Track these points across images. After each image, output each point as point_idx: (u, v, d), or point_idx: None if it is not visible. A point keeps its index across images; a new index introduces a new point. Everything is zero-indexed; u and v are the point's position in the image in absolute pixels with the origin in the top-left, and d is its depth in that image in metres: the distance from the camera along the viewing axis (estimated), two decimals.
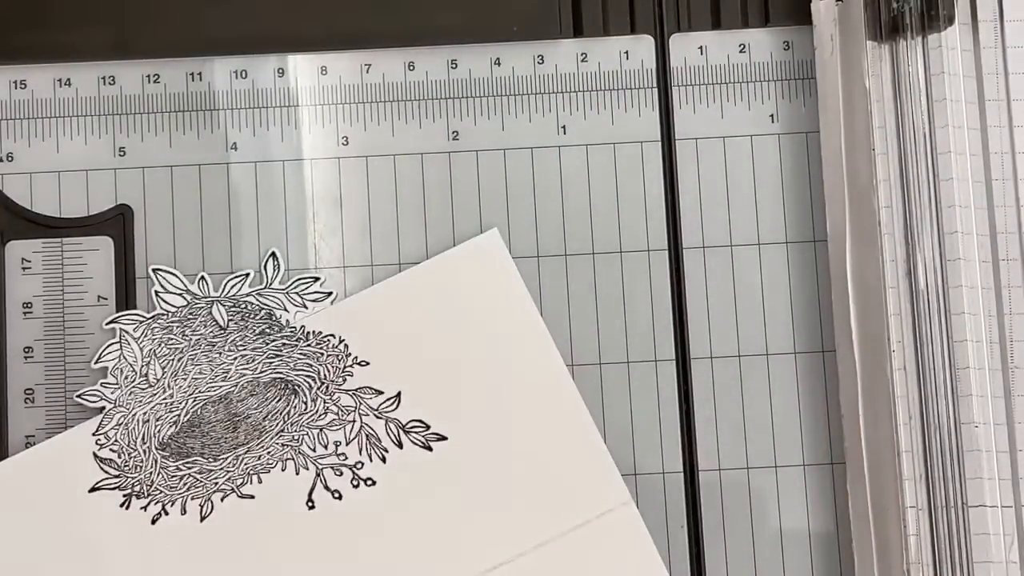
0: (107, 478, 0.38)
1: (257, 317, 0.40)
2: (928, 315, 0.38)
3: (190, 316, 0.39)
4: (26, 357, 0.39)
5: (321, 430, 0.39)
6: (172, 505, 0.38)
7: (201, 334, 0.39)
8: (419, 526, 0.39)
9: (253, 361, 0.39)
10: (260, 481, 0.38)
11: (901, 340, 0.38)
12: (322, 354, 0.39)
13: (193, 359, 0.39)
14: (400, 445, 0.39)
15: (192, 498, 0.38)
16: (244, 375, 0.39)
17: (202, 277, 0.40)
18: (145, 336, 0.39)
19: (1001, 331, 0.38)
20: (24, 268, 0.40)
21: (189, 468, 0.38)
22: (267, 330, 0.40)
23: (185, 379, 0.39)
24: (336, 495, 0.38)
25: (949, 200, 0.38)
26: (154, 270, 0.39)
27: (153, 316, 0.39)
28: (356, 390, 0.39)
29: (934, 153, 0.38)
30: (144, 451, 0.38)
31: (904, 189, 0.39)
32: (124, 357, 0.39)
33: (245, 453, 0.39)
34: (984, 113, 0.39)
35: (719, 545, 0.40)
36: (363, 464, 0.39)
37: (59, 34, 0.41)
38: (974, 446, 0.38)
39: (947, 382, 0.38)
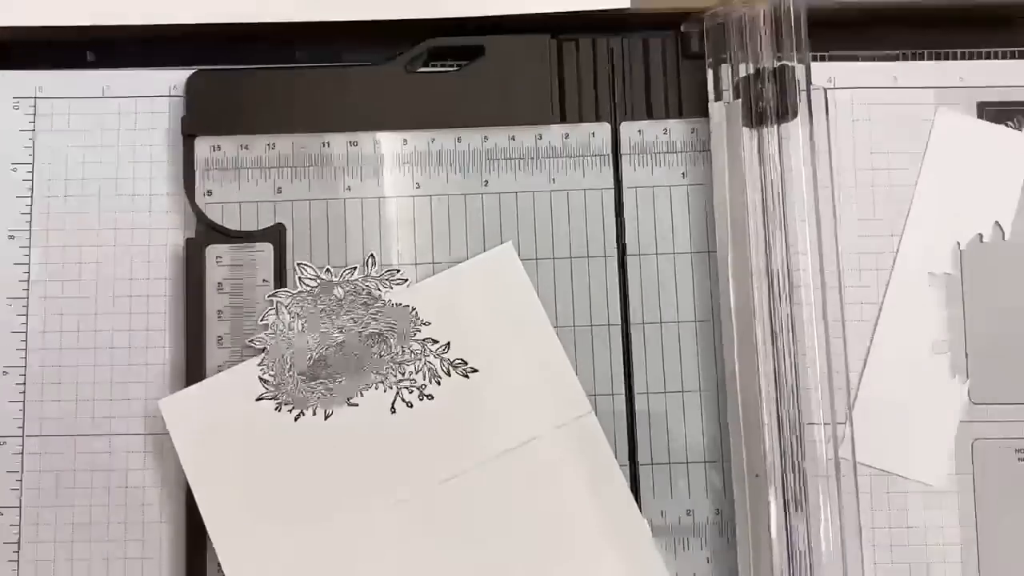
0: (267, 392, 0.40)
1: (362, 294, 0.41)
2: (779, 295, 0.39)
3: (320, 292, 0.40)
4: (219, 317, 0.41)
5: (400, 364, 0.40)
6: (307, 409, 0.40)
7: (326, 304, 0.40)
8: (457, 424, 0.40)
9: (359, 321, 0.40)
10: (362, 395, 0.40)
11: (761, 311, 0.39)
12: (401, 317, 0.40)
13: (321, 319, 0.40)
14: (449, 374, 0.40)
15: (320, 405, 0.40)
16: (353, 330, 0.40)
17: (327, 268, 0.41)
18: (292, 304, 0.40)
19: (825, 307, 0.39)
20: (218, 261, 0.41)
21: (318, 387, 0.40)
22: (368, 301, 0.40)
23: (316, 332, 0.40)
24: (409, 405, 0.40)
25: (792, 228, 0.39)
26: (298, 264, 0.41)
27: (297, 292, 0.40)
28: (422, 340, 0.40)
29: (784, 199, 0.39)
30: (290, 376, 0.40)
31: (765, 220, 0.39)
32: (279, 317, 0.40)
33: (353, 378, 0.40)
34: (815, 175, 0.40)
35: (647, 443, 0.41)
36: (426, 386, 0.40)
37: (240, 116, 0.42)
38: (806, 384, 0.39)
39: (790, 339, 0.39)
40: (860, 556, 0.38)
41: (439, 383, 0.40)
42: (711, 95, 0.41)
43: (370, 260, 0.41)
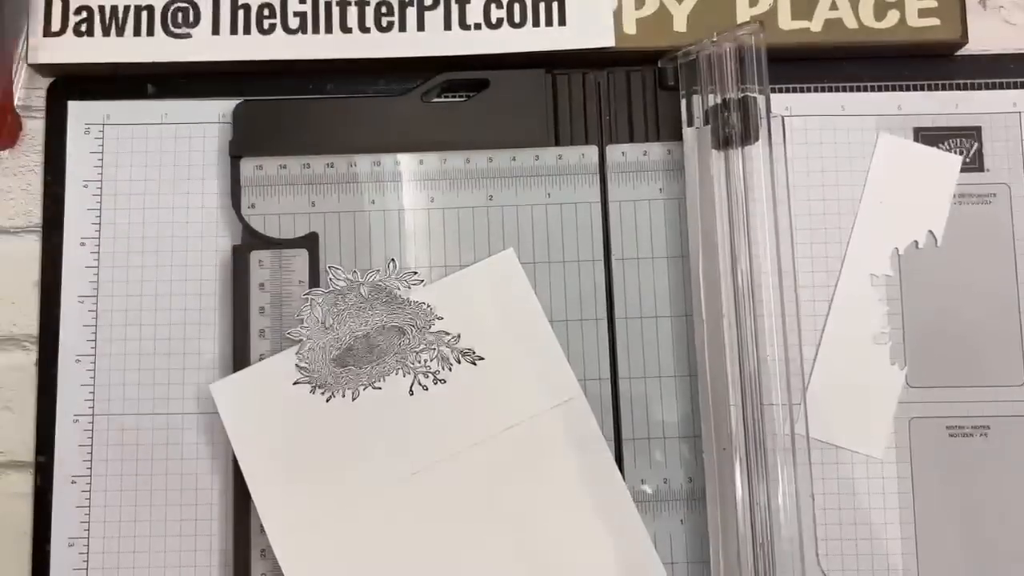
0: (303, 377, 0.40)
1: (384, 292, 0.41)
2: (743, 295, 0.39)
3: (348, 291, 0.41)
4: (261, 312, 0.41)
5: (417, 353, 0.40)
6: (338, 392, 0.40)
7: (353, 301, 0.40)
8: (466, 405, 0.40)
9: (381, 316, 0.40)
10: (384, 380, 0.40)
11: (728, 307, 0.39)
12: (418, 312, 0.40)
13: (349, 314, 0.40)
14: (459, 362, 0.40)
15: (348, 388, 0.40)
16: (376, 323, 0.40)
17: (355, 271, 0.41)
18: (324, 301, 0.40)
19: (782, 304, 0.39)
20: (260, 264, 0.41)
21: (347, 373, 0.40)
22: (389, 299, 0.40)
23: (345, 325, 0.40)
24: (425, 388, 0.40)
25: (755, 236, 0.39)
26: (329, 267, 0.41)
27: (329, 291, 0.40)
28: (436, 332, 0.40)
29: (747, 211, 0.40)
30: (322, 363, 0.40)
31: (731, 229, 0.40)
32: (313, 313, 0.40)
33: (376, 365, 0.40)
34: (773, 190, 0.40)
35: (629, 421, 0.41)
36: (439, 371, 0.40)
37: (280, 140, 0.42)
38: (767, 370, 0.39)
39: (753, 332, 0.39)
40: (813, 517, 0.39)
41: (451, 369, 0.40)
42: (684, 121, 0.42)
43: (391, 264, 0.41)
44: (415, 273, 0.41)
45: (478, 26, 0.42)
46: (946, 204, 0.43)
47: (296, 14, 0.42)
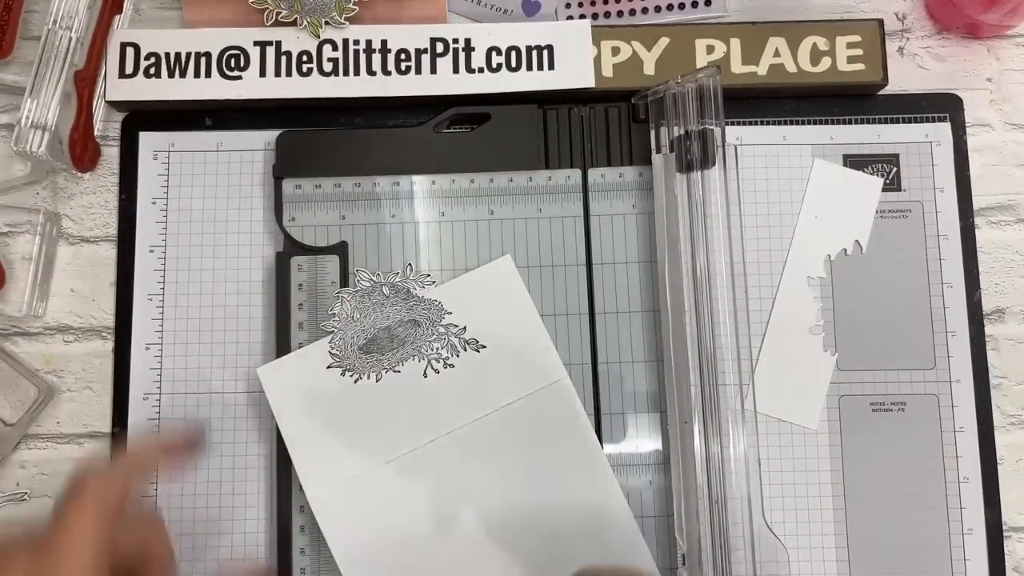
0: (335, 362, 0.41)
1: (402, 291, 0.42)
2: (701, 293, 0.40)
3: (372, 290, 0.42)
4: (300, 308, 0.42)
5: (430, 342, 0.41)
6: (363, 375, 0.41)
7: (377, 298, 0.41)
8: (471, 385, 0.41)
9: (400, 311, 0.41)
10: (403, 364, 0.41)
11: (689, 303, 0.40)
12: (431, 308, 0.41)
13: (373, 309, 0.41)
14: (465, 350, 0.41)
15: (372, 371, 0.41)
16: (396, 317, 0.41)
17: (378, 273, 0.42)
18: (352, 299, 0.41)
19: (734, 301, 0.40)
20: (299, 268, 0.42)
21: (371, 358, 0.41)
22: (406, 297, 0.42)
23: (369, 318, 0.41)
24: (436, 371, 0.41)
25: (711, 244, 0.40)
26: (356, 270, 0.42)
27: (356, 290, 0.42)
28: (446, 325, 0.41)
29: (705, 224, 0.40)
30: (351, 350, 0.41)
31: (692, 239, 0.41)
32: (343, 308, 0.41)
33: (396, 352, 0.41)
34: (727, 207, 0.40)
35: (607, 398, 0.42)
36: (449, 357, 0.41)
37: (315, 164, 0.43)
38: (721, 355, 0.40)
39: (709, 324, 0.40)
40: (759, 478, 0.40)
41: (458, 356, 0.41)
42: (653, 149, 0.43)
43: (408, 267, 0.43)
44: (428, 275, 0.42)
45: (481, 70, 0.44)
46: (870, 218, 0.45)
47: (329, 59, 0.44)
